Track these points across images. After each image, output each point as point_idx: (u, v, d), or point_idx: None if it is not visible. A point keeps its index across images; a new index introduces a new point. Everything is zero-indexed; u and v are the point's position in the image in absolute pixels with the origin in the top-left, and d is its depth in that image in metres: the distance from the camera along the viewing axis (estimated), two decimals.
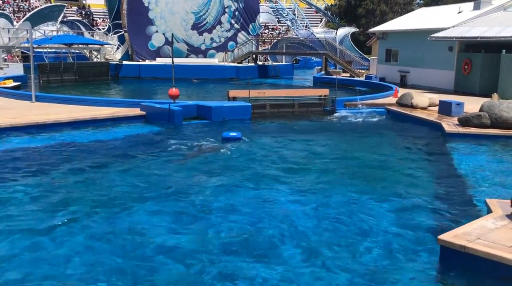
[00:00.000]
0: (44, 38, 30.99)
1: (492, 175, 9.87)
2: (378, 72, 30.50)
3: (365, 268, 5.78)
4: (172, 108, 14.90)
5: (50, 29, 35.94)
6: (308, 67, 47.89)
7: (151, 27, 36.58)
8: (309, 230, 6.88)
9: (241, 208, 7.73)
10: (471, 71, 22.89)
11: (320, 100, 18.43)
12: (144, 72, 33.07)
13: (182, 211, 7.52)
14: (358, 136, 14.05)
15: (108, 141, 12.66)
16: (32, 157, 10.71)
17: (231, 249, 6.20)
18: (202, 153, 11.52)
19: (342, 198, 8.30)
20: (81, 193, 8.27)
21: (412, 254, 6.15)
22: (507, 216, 6.36)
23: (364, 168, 10.44)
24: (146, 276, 5.49)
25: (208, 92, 25.30)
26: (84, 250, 6.09)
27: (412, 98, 18.08)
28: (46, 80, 27.20)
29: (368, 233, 6.82)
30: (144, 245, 6.28)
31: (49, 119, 13.98)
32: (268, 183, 9.02)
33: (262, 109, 17.02)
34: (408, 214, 7.60)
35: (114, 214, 7.33)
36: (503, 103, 14.02)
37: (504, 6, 25.38)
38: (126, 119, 15.09)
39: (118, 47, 37.22)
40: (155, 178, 9.32)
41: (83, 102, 17.50)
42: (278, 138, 13.24)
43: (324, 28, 58.71)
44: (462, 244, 5.52)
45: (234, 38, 39.16)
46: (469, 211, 7.67)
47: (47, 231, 6.64)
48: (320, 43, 37.78)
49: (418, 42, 26.35)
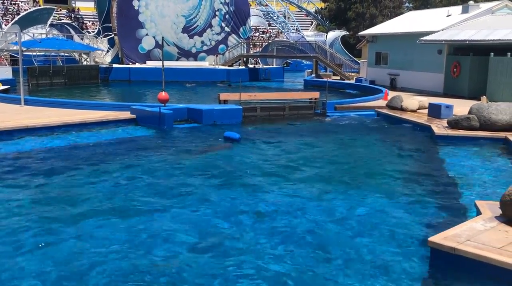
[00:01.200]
0: (33, 40, 30.78)
1: (481, 177, 9.93)
2: (368, 75, 30.67)
3: (353, 269, 5.79)
4: (163, 112, 14.85)
5: (39, 32, 35.70)
6: (299, 70, 48.01)
7: (141, 30, 36.48)
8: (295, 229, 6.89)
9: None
10: (460, 74, 23.09)
11: (311, 103, 18.47)
12: (134, 76, 32.92)
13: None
14: (347, 139, 14.10)
15: (98, 145, 12.58)
16: (20, 161, 10.61)
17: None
18: (199, 153, 11.57)
19: (329, 200, 8.32)
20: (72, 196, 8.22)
21: (401, 256, 6.17)
22: (497, 218, 6.41)
23: (352, 170, 10.48)
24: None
25: (199, 95, 25.26)
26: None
27: (402, 101, 18.18)
28: (35, 83, 26.96)
29: (356, 235, 6.84)
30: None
31: (38, 123, 13.86)
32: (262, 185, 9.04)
33: (253, 112, 17.02)
34: (398, 216, 7.63)
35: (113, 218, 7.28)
36: (492, 105, 14.15)
37: (492, 9, 25.68)
38: (116, 122, 15.02)
39: (108, 51, 37.06)
40: (158, 180, 9.29)
41: (73, 105, 17.37)
42: (270, 140, 13.29)
43: (314, 31, 58.95)
44: (452, 246, 5.55)
45: (224, 41, 39.19)
46: (459, 213, 7.71)
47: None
48: (311, 46, 37.92)
49: (408, 45, 26.54)
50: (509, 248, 5.51)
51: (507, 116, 13.61)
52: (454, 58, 23.55)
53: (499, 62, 20.70)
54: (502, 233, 5.95)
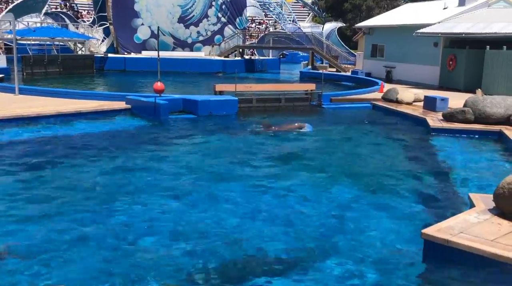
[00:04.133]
0: (28, 29, 30.51)
1: (475, 170, 9.98)
2: (364, 68, 30.63)
3: (348, 258, 5.82)
4: (158, 102, 14.80)
5: (34, 20, 35.37)
6: (295, 62, 47.91)
7: (137, 20, 36.24)
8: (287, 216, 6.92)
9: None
10: (455, 67, 23.10)
11: (307, 95, 18.47)
12: (129, 66, 32.77)
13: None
14: (343, 131, 14.11)
15: (93, 134, 12.56)
16: (14, 151, 10.56)
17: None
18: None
19: (322, 192, 8.34)
20: (64, 187, 8.21)
21: (394, 247, 6.21)
22: (490, 210, 6.44)
23: (347, 162, 10.50)
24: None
25: (194, 86, 25.17)
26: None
27: (397, 93, 18.20)
28: (29, 72, 26.80)
29: (350, 226, 6.87)
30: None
31: (33, 112, 13.79)
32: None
33: (248, 103, 16.99)
34: (391, 208, 7.66)
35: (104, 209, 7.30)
36: (487, 99, 14.18)
37: (488, 2, 25.64)
38: (111, 112, 14.96)
39: (103, 40, 36.81)
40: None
41: (68, 95, 17.29)
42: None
43: (311, 22, 58.77)
44: (446, 238, 5.58)
45: (220, 32, 38.99)
46: (453, 205, 7.75)
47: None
48: (307, 37, 37.82)
49: (404, 37, 26.50)
50: (501, 240, 5.55)
51: (502, 109, 13.65)
52: (450, 51, 23.55)
53: (495, 56, 20.72)
54: (495, 225, 5.98)
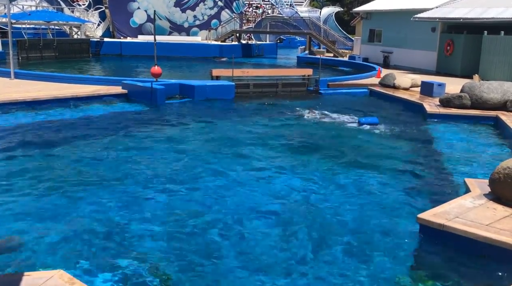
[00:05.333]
0: (23, 13, 30.22)
1: (471, 155, 10.02)
2: (362, 53, 30.51)
3: (343, 245, 5.86)
4: (155, 87, 14.74)
5: (29, 4, 34.98)
6: (292, 47, 47.71)
7: (133, 3, 35.93)
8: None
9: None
10: (453, 52, 23.05)
11: (304, 80, 18.41)
12: (125, 50, 32.57)
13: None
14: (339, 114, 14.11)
15: (89, 118, 12.53)
16: (9, 135, 10.53)
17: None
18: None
19: (316, 176, 8.37)
20: (60, 171, 8.21)
21: (390, 232, 6.24)
22: (485, 195, 6.49)
23: (343, 147, 10.50)
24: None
25: (191, 71, 25.06)
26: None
27: (394, 79, 18.16)
28: (25, 56, 26.62)
29: (345, 211, 6.90)
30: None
31: (28, 96, 13.72)
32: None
33: (245, 89, 16.94)
34: (387, 192, 7.70)
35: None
36: (484, 84, 14.17)
37: None
38: (107, 97, 14.90)
39: (99, 24, 36.50)
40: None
41: (63, 79, 17.19)
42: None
43: (308, 7, 58.47)
44: (441, 223, 5.63)
45: (217, 16, 38.71)
46: (448, 190, 7.79)
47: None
48: (304, 22, 37.63)
49: (402, 22, 26.37)
50: (496, 225, 5.60)
51: (499, 95, 13.66)
52: (448, 36, 23.47)
53: (492, 41, 20.66)
54: (490, 210, 6.03)
